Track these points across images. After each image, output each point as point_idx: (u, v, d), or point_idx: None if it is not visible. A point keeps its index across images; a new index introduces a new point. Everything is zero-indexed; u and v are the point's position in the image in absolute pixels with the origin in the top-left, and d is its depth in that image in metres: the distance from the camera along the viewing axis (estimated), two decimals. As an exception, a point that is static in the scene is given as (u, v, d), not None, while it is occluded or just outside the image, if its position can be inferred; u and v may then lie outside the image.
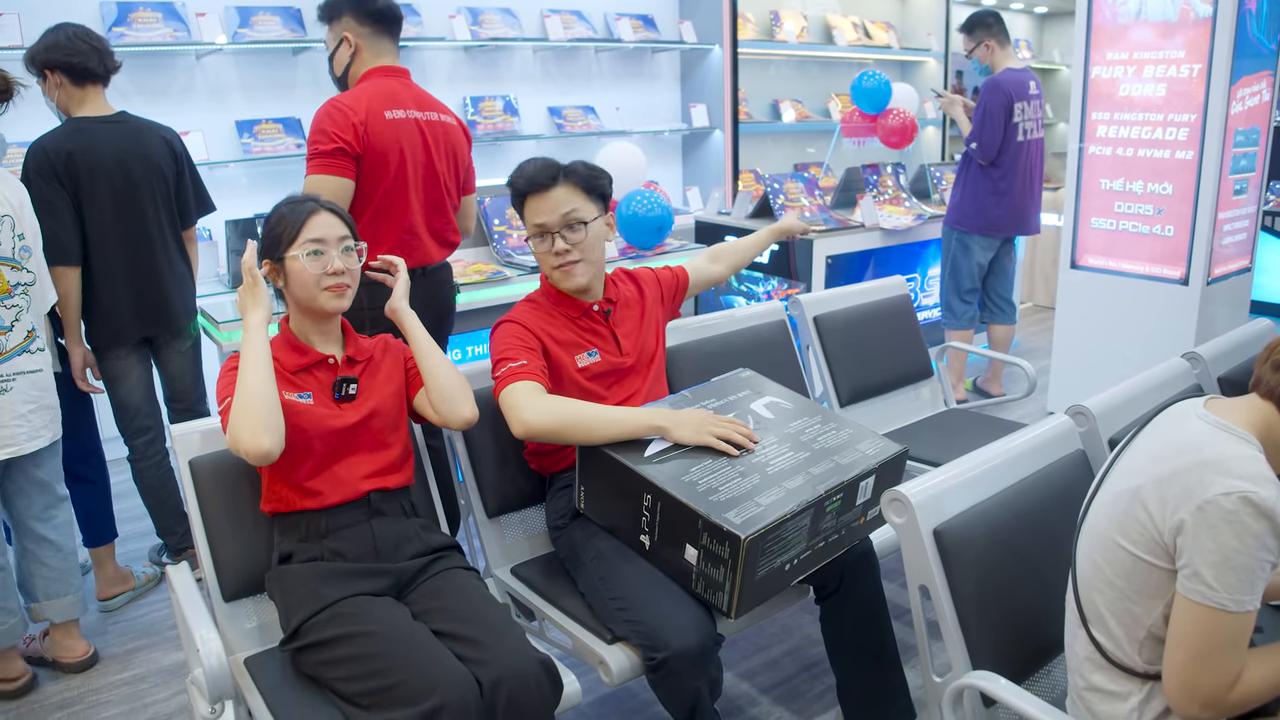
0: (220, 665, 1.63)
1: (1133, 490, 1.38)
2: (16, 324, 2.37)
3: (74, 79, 2.69)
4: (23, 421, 2.38)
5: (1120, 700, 1.44)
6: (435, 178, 2.62)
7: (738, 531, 1.70)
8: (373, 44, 2.59)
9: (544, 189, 2.09)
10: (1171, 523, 1.31)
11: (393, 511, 1.93)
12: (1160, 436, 1.44)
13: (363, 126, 2.43)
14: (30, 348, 2.40)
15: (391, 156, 2.49)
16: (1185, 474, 1.32)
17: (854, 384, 2.97)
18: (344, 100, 2.47)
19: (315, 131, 2.44)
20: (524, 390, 1.98)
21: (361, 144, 2.44)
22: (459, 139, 2.72)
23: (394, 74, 2.61)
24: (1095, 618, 1.45)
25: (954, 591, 1.59)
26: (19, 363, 2.37)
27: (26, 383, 2.39)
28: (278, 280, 1.91)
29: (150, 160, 2.78)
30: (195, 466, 1.96)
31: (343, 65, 2.62)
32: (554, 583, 2.11)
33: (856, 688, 2.14)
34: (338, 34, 2.59)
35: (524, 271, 3.52)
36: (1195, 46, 3.72)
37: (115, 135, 2.73)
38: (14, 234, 2.36)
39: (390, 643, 1.66)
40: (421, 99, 2.62)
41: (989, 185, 4.30)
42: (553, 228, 2.09)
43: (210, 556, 1.94)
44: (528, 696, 1.63)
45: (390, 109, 2.51)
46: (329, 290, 1.88)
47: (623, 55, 5.72)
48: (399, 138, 2.51)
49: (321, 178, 2.41)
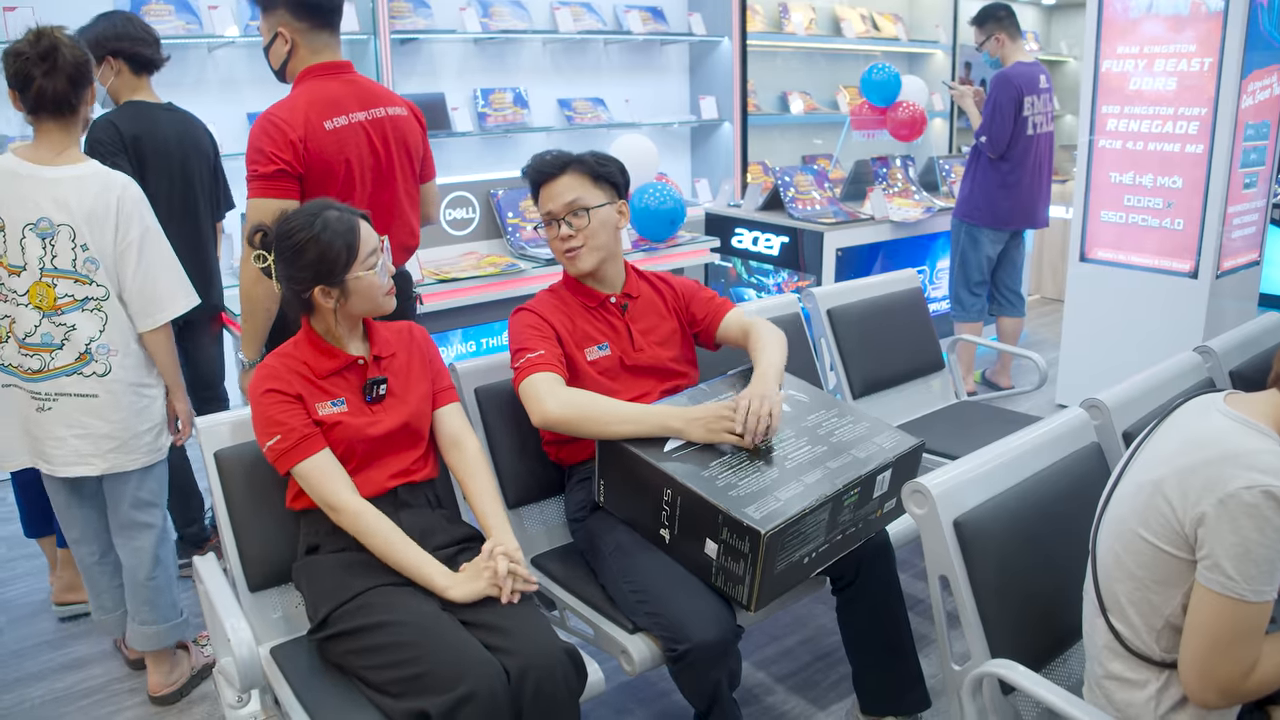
0: (251, 655, 1.67)
1: (1154, 482, 1.41)
2: (67, 343, 2.19)
3: (135, 68, 2.71)
4: (59, 444, 2.24)
5: (1138, 688, 1.46)
6: (386, 179, 2.47)
7: (758, 526, 1.72)
8: (310, 39, 2.39)
9: (552, 178, 2.15)
10: (1193, 515, 1.34)
11: (418, 503, 1.95)
12: (1182, 430, 1.46)
13: (302, 144, 2.26)
14: (84, 370, 2.21)
15: (336, 168, 2.33)
16: (1207, 467, 1.35)
17: (867, 376, 2.99)
18: (280, 114, 2.29)
19: (253, 150, 2.27)
20: (544, 381, 2.02)
21: (302, 162, 2.28)
22: (410, 128, 2.54)
23: (334, 71, 2.42)
24: (1114, 607, 1.47)
25: (973, 581, 1.61)
26: (64, 383, 2.20)
27: (73, 405, 2.22)
28: (329, 302, 1.87)
29: (201, 151, 2.83)
30: (221, 458, 1.98)
31: (279, 60, 2.43)
32: (574, 573, 2.13)
33: (872, 677, 2.17)
34: (272, 27, 2.39)
35: (538, 264, 3.54)
36: (1206, 40, 3.73)
37: (174, 123, 2.77)
38: (74, 244, 2.16)
39: (418, 632, 1.68)
40: (365, 95, 2.44)
41: (998, 179, 4.31)
42: (557, 214, 2.14)
43: (236, 548, 1.96)
44: (554, 685, 1.65)
45: (331, 117, 2.34)
46: (388, 294, 1.93)
47: (632, 47, 5.73)
48: (342, 148, 2.34)
49: (264, 202, 2.26)
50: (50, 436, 2.23)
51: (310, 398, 1.87)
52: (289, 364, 1.90)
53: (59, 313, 2.18)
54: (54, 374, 2.20)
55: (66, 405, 2.23)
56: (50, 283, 2.16)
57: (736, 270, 4.84)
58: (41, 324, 2.18)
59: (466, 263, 3.58)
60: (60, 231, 2.15)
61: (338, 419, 1.87)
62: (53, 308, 2.18)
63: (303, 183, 2.30)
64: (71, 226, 2.15)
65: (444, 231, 3.71)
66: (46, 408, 2.22)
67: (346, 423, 1.87)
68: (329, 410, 1.87)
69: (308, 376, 1.89)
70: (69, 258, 2.16)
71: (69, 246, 2.16)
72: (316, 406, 1.86)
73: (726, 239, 4.81)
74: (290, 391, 1.86)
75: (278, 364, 1.90)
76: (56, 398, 2.22)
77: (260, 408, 1.86)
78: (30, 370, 2.20)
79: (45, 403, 2.22)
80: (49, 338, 2.19)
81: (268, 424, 1.84)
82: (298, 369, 1.89)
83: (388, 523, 1.84)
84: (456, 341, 3.50)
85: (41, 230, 2.14)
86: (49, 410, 2.22)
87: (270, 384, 1.86)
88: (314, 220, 1.83)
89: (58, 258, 2.16)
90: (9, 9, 3.73)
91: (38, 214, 2.13)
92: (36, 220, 2.14)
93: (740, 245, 4.78)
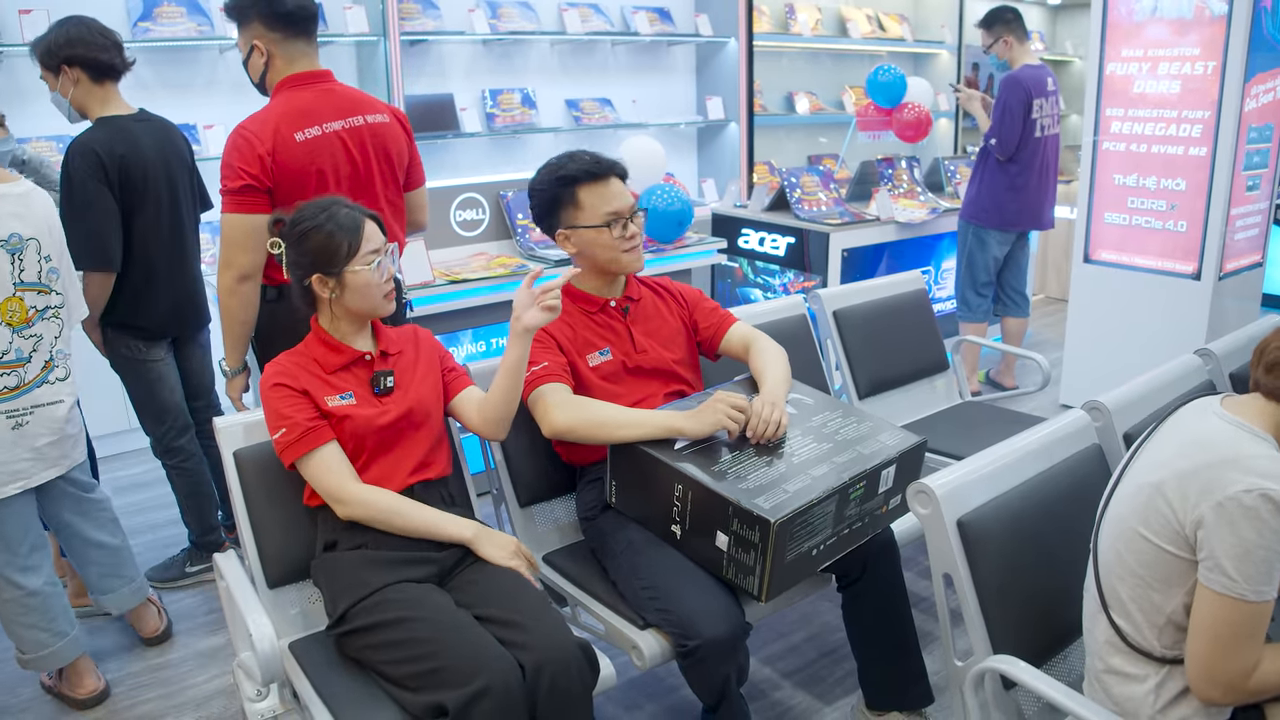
0: (273, 649, 1.71)
1: (1154, 484, 1.45)
2: (35, 354, 2.25)
3: (94, 75, 2.62)
4: (36, 455, 2.28)
5: (1138, 682, 1.50)
6: (364, 187, 2.45)
7: (767, 516, 1.77)
8: (286, 49, 2.39)
9: (605, 177, 2.21)
10: (1193, 517, 1.38)
11: (433, 501, 1.99)
12: (1180, 433, 1.50)
13: (270, 157, 2.27)
14: (49, 378, 2.29)
15: (307, 180, 2.33)
16: (1207, 470, 1.39)
17: (872, 376, 3.03)
18: (251, 127, 2.30)
19: (224, 164, 2.30)
20: (551, 392, 2.08)
21: (270, 175, 2.28)
22: (393, 135, 2.52)
23: (310, 81, 2.41)
24: (1116, 604, 1.51)
25: (976, 579, 1.65)
26: (38, 395, 2.26)
27: (45, 414, 2.28)
28: (325, 292, 1.94)
29: (181, 159, 2.81)
30: (240, 458, 2.02)
31: (258, 73, 2.44)
32: (585, 571, 2.18)
33: (877, 672, 2.21)
34: (248, 40, 2.40)
35: (547, 265, 3.58)
36: (1210, 44, 3.76)
37: (153, 135, 2.71)
38: (40, 256, 2.23)
39: (435, 627, 1.72)
40: (343, 104, 2.42)
41: (1006, 180, 4.34)
42: (625, 213, 2.20)
43: (255, 545, 2.00)
44: (568, 679, 1.70)
45: (302, 128, 2.33)
46: (387, 297, 1.97)
47: (639, 48, 5.77)
48: (314, 159, 2.34)
49: (235, 217, 2.29)
50: (26, 451, 2.26)
51: (318, 392, 1.92)
52: (299, 361, 1.97)
53: (28, 325, 2.23)
54: (29, 387, 2.25)
55: (41, 415, 2.28)
56: (20, 296, 2.20)
57: (743, 270, 4.87)
58: (13, 340, 2.21)
59: (476, 263, 3.62)
60: (29, 245, 2.21)
61: (347, 411, 1.92)
62: (24, 321, 2.22)
63: (272, 195, 2.31)
64: (38, 239, 2.22)
65: (454, 232, 3.75)
66: (24, 423, 2.25)
67: (355, 415, 1.92)
68: (338, 403, 1.92)
69: (316, 372, 1.95)
70: (35, 270, 2.23)
71: (35, 259, 2.22)
72: (325, 399, 1.92)
73: (733, 239, 4.85)
74: (297, 386, 1.91)
75: (288, 361, 1.97)
76: (32, 410, 2.26)
77: (269, 402, 1.92)
78: (7, 389, 2.21)
79: (22, 418, 2.24)
80: (20, 353, 2.22)
81: (275, 418, 1.90)
82: (306, 365, 1.96)
83: (396, 496, 1.92)
84: (467, 342, 3.54)
85: (12, 246, 2.18)
86: (25, 425, 2.25)
87: (278, 379, 1.92)
88: (322, 212, 1.92)
89: (25, 271, 2.21)
90: (24, 12, 3.78)
91: (7, 231, 2.16)
92: (8, 237, 2.16)
93: (746, 246, 4.82)
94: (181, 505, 3.02)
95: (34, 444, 2.27)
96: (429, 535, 1.91)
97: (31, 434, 2.27)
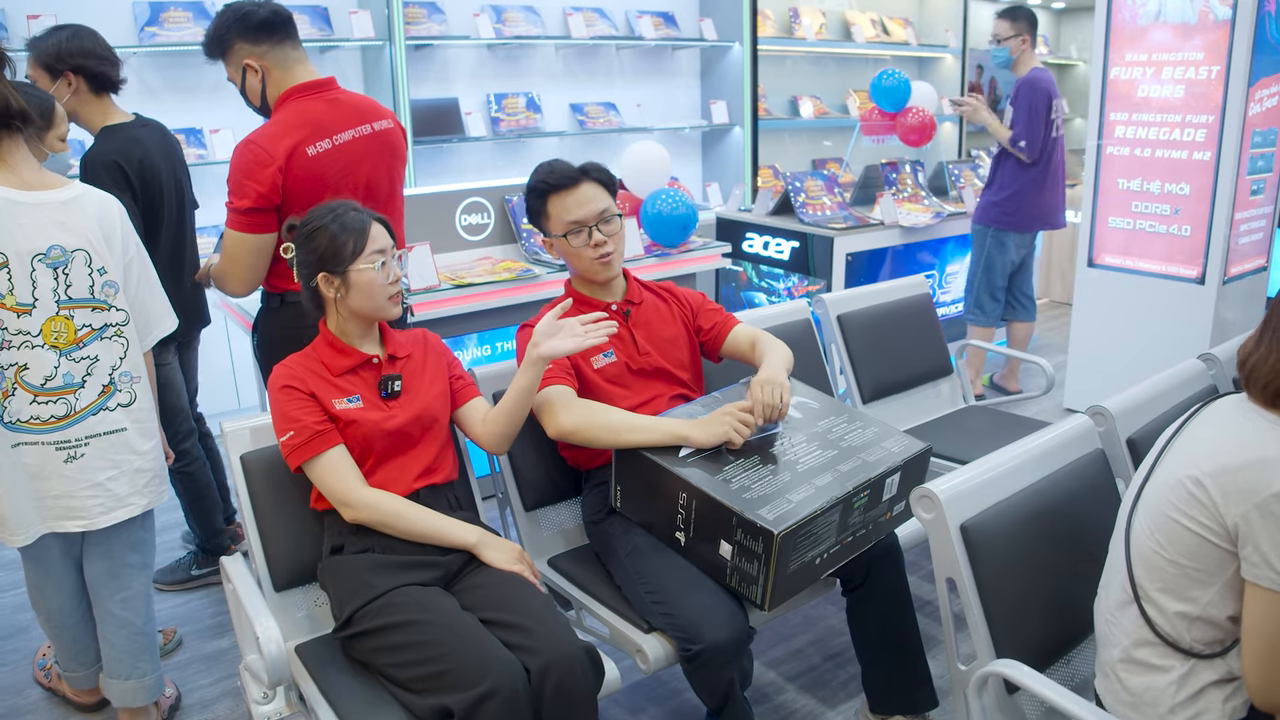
0: (280, 652, 1.72)
1: (1194, 478, 1.45)
2: (89, 378, 2.01)
3: (95, 87, 2.62)
4: (98, 491, 2.05)
5: (1161, 673, 1.50)
6: (372, 194, 2.42)
7: (771, 527, 1.77)
8: (277, 58, 2.33)
9: (571, 186, 2.20)
10: (1236, 512, 1.40)
11: (439, 505, 2.00)
12: (1216, 427, 1.51)
13: (281, 174, 2.23)
14: (109, 404, 2.05)
15: (317, 192, 2.28)
16: (1250, 468, 1.40)
17: (876, 381, 3.04)
18: (262, 141, 2.24)
19: (232, 179, 2.24)
20: (557, 394, 2.09)
21: (279, 192, 2.25)
22: (396, 142, 2.50)
23: (316, 91, 2.36)
24: (1146, 595, 1.52)
25: (979, 584, 1.66)
26: (93, 423, 2.03)
27: (105, 445, 2.05)
28: (331, 291, 1.95)
29: (181, 161, 2.85)
30: (246, 462, 2.04)
31: (258, 95, 2.37)
32: (590, 575, 2.19)
33: (881, 676, 2.22)
34: (238, 65, 2.33)
35: (553, 269, 3.59)
36: (1214, 48, 3.76)
37: (157, 141, 2.74)
38: (91, 269, 1.99)
39: (441, 631, 1.73)
40: (351, 113, 2.39)
41: (1026, 182, 4.32)
42: (588, 221, 2.19)
43: (261, 548, 2.01)
44: (573, 682, 1.70)
45: (315, 141, 2.29)
46: (392, 299, 1.97)
47: (644, 52, 5.78)
48: (324, 173, 2.30)
49: (240, 236, 2.26)
50: (86, 487, 2.04)
51: (326, 394, 1.93)
52: (306, 363, 1.98)
53: (79, 346, 2.00)
54: (81, 415, 2.02)
55: (99, 447, 2.05)
56: (68, 315, 1.98)
57: (747, 274, 4.88)
58: (61, 363, 1.98)
59: (481, 268, 3.63)
60: (75, 258, 1.97)
61: (354, 415, 1.93)
62: (72, 342, 1.99)
63: (280, 210, 2.28)
64: (87, 251, 1.99)
65: (459, 237, 3.76)
66: (78, 455, 2.02)
67: (363, 419, 1.93)
68: (345, 406, 1.93)
69: (323, 375, 1.96)
70: (85, 284, 1.99)
71: (85, 272, 1.99)
72: (333, 402, 1.93)
73: (737, 243, 4.86)
74: (304, 388, 1.92)
75: (295, 363, 1.98)
76: (87, 441, 2.03)
77: (276, 404, 1.93)
78: (54, 419, 1.99)
79: (76, 450, 2.02)
80: (70, 377, 1.99)
81: (282, 420, 1.92)
82: (314, 368, 1.97)
83: (402, 500, 1.93)
84: (472, 345, 3.55)
85: (53, 259, 1.95)
86: (81, 458, 2.03)
87: (286, 381, 1.93)
88: (330, 213, 1.95)
89: (73, 287, 1.98)
90: (33, 16, 3.80)
91: (46, 243, 1.93)
92: (47, 250, 1.94)
93: (751, 250, 4.83)
94: (187, 510, 3.03)
95: (94, 479, 2.04)
96: (434, 540, 1.92)
97: (91, 467, 2.04)
